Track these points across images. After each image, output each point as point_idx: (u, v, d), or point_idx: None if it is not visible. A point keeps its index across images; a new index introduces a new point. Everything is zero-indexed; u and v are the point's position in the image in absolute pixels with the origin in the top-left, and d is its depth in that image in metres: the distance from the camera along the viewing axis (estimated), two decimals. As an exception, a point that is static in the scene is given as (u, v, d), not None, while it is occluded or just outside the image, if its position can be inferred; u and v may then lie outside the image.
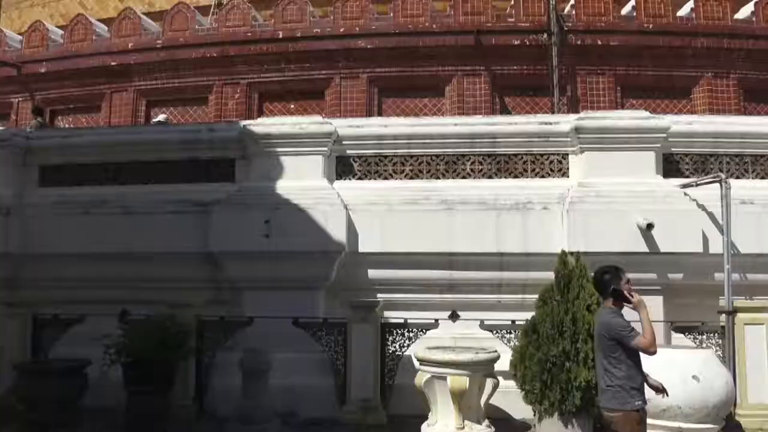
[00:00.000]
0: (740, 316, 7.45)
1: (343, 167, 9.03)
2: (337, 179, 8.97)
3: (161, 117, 13.22)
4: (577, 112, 11.60)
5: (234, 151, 9.17)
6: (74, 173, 9.57)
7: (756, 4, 13.21)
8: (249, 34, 13.46)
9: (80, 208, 9.09)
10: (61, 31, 15.21)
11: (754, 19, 13.08)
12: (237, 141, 9.09)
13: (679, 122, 8.82)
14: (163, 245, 8.65)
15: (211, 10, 15.03)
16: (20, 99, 14.85)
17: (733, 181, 8.14)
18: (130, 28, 14.21)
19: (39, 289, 8.93)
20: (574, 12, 13.08)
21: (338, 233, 8.39)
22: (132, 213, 8.93)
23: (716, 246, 7.96)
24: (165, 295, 7.97)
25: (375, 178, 8.96)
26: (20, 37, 15.34)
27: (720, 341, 7.54)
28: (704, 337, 7.62)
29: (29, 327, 8.39)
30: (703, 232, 8.07)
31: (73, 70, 14.25)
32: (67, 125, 14.73)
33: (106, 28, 14.82)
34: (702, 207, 8.17)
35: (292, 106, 13.35)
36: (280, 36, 13.30)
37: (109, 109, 14.06)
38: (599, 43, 12.82)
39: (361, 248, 8.49)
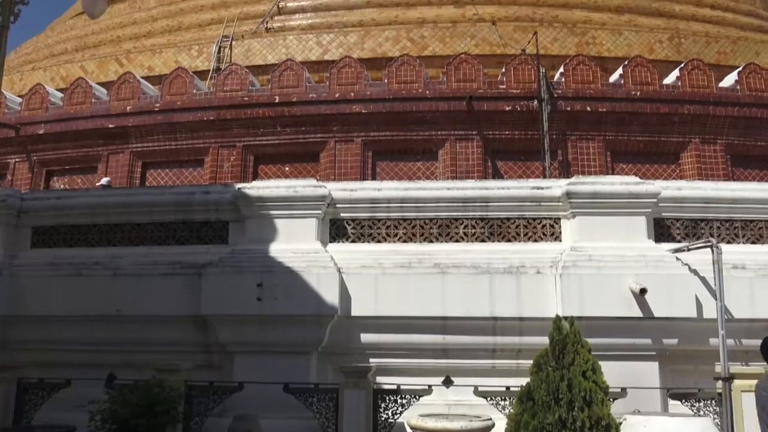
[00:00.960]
0: (737, 383, 7.36)
1: (336, 230, 9.05)
2: (330, 242, 8.98)
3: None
4: (568, 176, 11.79)
5: (228, 213, 9.19)
6: (67, 234, 9.55)
7: (739, 73, 13.64)
8: (246, 98, 13.73)
9: (71, 270, 9.03)
10: (60, 94, 15.47)
11: (738, 87, 13.46)
12: (231, 203, 9.13)
13: (668, 188, 8.93)
14: (154, 308, 8.57)
15: (210, 74, 15.36)
16: (17, 160, 14.97)
17: (724, 246, 8.19)
18: (129, 92, 14.48)
19: (26, 351, 8.78)
20: (563, 79, 13.43)
21: (331, 296, 8.33)
22: (123, 275, 8.87)
23: (710, 311, 7.93)
24: (154, 359, 7.85)
25: (368, 241, 8.96)
26: (20, 100, 15.59)
27: (718, 408, 7.42)
28: (701, 404, 7.50)
29: (13, 391, 8.19)
30: (696, 297, 8.06)
31: (71, 131, 14.44)
32: (62, 186, 14.80)
33: (106, 92, 15.08)
34: (694, 271, 8.19)
35: (287, 168, 13.50)
36: (277, 100, 13.57)
37: (105, 171, 14.17)
38: (588, 109, 13.12)
39: (354, 312, 8.42)
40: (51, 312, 8.80)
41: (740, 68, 13.80)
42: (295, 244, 8.74)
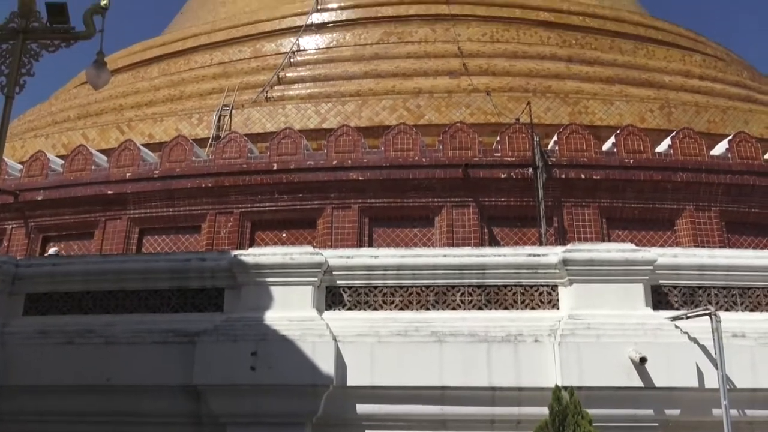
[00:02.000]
0: (743, 456, 7.18)
1: (332, 297, 8.99)
2: (326, 309, 8.90)
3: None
4: (564, 243, 11.81)
5: (224, 280, 9.15)
6: (60, 301, 9.46)
7: (729, 141, 13.89)
8: (244, 165, 13.89)
9: (63, 338, 8.90)
10: (61, 161, 15.64)
11: (729, 155, 13.68)
12: (227, 270, 9.09)
13: (665, 255, 8.95)
14: (146, 378, 8.41)
15: (209, 142, 15.60)
16: (14, 226, 14.98)
17: (722, 314, 8.14)
18: (128, 159, 14.65)
19: (16, 423, 8.57)
20: (557, 147, 13.66)
21: (326, 366, 8.20)
22: (115, 343, 8.74)
23: (712, 380, 7.81)
24: (147, 430, 7.63)
25: (365, 309, 8.89)
26: (21, 166, 15.75)
27: (724, 484, 7.20)
28: (707, 479, 7.29)
29: (-3, 466, 7.95)
30: (697, 366, 7.95)
31: (70, 198, 14.52)
32: (58, 252, 14.75)
33: (106, 158, 15.26)
34: (694, 340, 8.11)
35: (284, 235, 13.53)
36: (275, 168, 13.72)
37: (101, 237, 14.17)
38: (583, 177, 13.28)
39: (350, 381, 8.26)
40: (42, 382, 8.62)
41: (730, 137, 14.06)
42: (291, 312, 8.67)
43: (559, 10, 20.80)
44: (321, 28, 20.27)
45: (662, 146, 13.98)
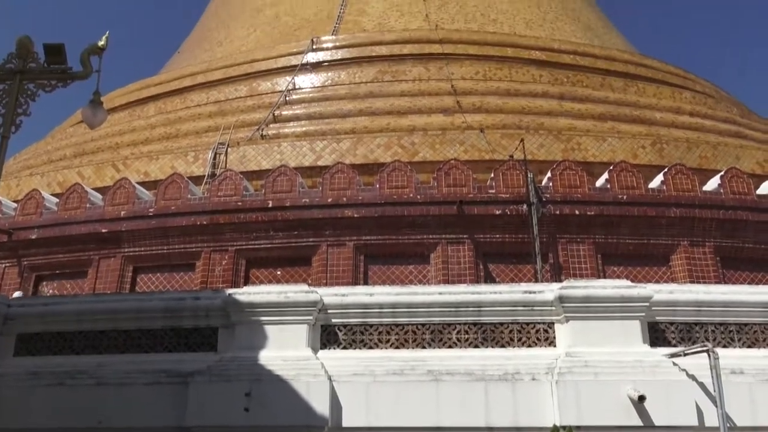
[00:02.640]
0: (745, 497, 7.05)
1: (327, 336, 8.92)
2: (321, 348, 8.82)
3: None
4: (559, 279, 11.78)
5: (217, 319, 9.08)
6: (51, 342, 9.37)
7: (721, 177, 13.99)
8: (240, 203, 13.89)
9: (54, 379, 8.78)
10: (56, 200, 15.61)
11: (721, 191, 13.76)
12: (221, 309, 9.03)
13: (661, 291, 8.94)
14: (137, 419, 8.28)
15: (204, 180, 15.62)
16: (7, 265, 14.88)
17: (720, 351, 8.10)
18: (123, 197, 14.64)
19: (2, 468, 8.37)
20: (551, 184, 13.72)
21: (321, 406, 8.09)
22: (107, 384, 8.63)
23: (711, 418, 7.73)
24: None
25: (360, 348, 8.82)
26: (15, 205, 15.71)
27: None
28: None
29: None
30: (696, 404, 7.87)
31: (63, 236, 14.45)
32: (51, 291, 14.64)
33: (101, 197, 15.25)
34: (692, 377, 8.05)
35: (279, 272, 13.45)
36: (270, 205, 13.72)
37: (95, 275, 14.07)
38: (577, 213, 13.31)
39: (345, 422, 8.14)
40: (32, 424, 8.49)
41: (722, 172, 14.17)
42: (286, 351, 8.59)
43: (550, 49, 21.15)
44: (316, 67, 20.53)
45: (655, 182, 14.07)
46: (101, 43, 9.44)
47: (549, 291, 8.86)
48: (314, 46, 21.06)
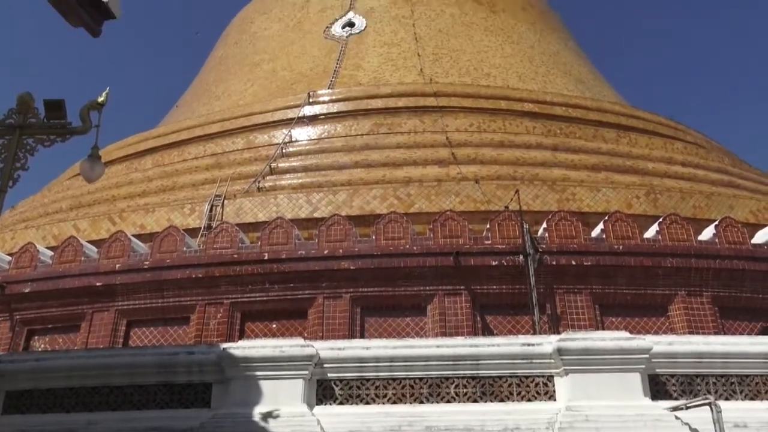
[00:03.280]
0: None
1: (323, 391, 8.77)
2: (317, 404, 8.67)
3: None
4: (558, 331, 11.69)
5: (212, 374, 8.94)
6: (41, 399, 9.18)
7: (716, 226, 14.04)
8: (235, 255, 13.83)
9: (43, 439, 8.56)
10: (51, 252, 15.53)
11: (716, 240, 13.79)
12: (215, 364, 8.90)
13: (660, 342, 8.87)
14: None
15: (200, 232, 15.60)
16: (-1, 319, 14.70)
17: (722, 403, 7.98)
18: (119, 250, 14.57)
19: None
20: (547, 234, 13.74)
21: (317, 465, 7.88)
22: (98, 443, 8.41)
23: (717, 475, 7.54)
24: None
25: (357, 403, 8.66)
26: (10, 258, 15.62)
27: None
28: None
29: None
30: (701, 460, 7.70)
31: (57, 290, 14.31)
32: (43, 346, 14.42)
33: (96, 250, 15.18)
34: (695, 431, 7.89)
35: (275, 326, 13.31)
36: (266, 257, 13.66)
37: (88, 330, 13.88)
38: (573, 263, 13.29)
39: (342, 481, 7.92)
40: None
41: (717, 222, 14.22)
42: (281, 407, 8.43)
43: (542, 102, 21.53)
44: (313, 120, 20.81)
45: (650, 232, 14.11)
46: (101, 99, 9.56)
47: (547, 343, 8.78)
48: (311, 100, 21.40)
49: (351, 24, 27.56)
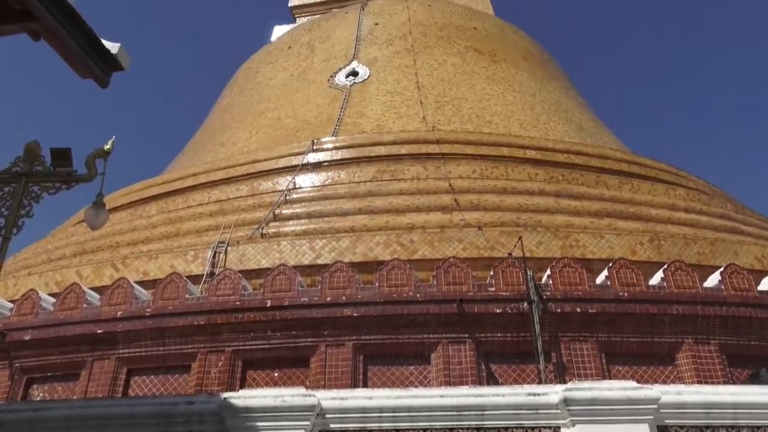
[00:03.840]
0: None
1: (325, 443, 8.59)
2: (319, 456, 8.47)
3: None
4: (564, 380, 11.51)
5: (212, 424, 8.79)
6: (38, 451, 8.99)
7: (722, 273, 13.95)
8: (238, 302, 13.75)
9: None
10: (53, 299, 15.48)
11: (722, 287, 13.68)
12: (216, 414, 8.76)
13: (668, 392, 8.71)
14: None
15: (203, 279, 15.57)
16: (-2, 367, 14.54)
17: (734, 456, 7.78)
18: (121, 297, 14.51)
19: None
20: (551, 281, 13.66)
21: None
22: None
23: None
24: None
25: (359, 455, 8.47)
26: (11, 305, 15.56)
27: None
28: None
29: None
30: None
31: (58, 337, 14.20)
32: (42, 394, 14.23)
33: (98, 296, 15.13)
34: (708, 486, 7.68)
35: (276, 374, 13.13)
36: (268, 304, 13.58)
37: (87, 378, 13.71)
38: (578, 310, 13.17)
39: None
40: None
41: (722, 268, 14.13)
42: (282, 461, 8.24)
43: (544, 148, 21.72)
44: (316, 167, 20.99)
45: (655, 279, 14.02)
46: (107, 147, 9.67)
47: (553, 393, 8.63)
48: (315, 147, 21.63)
49: (354, 73, 28.07)
